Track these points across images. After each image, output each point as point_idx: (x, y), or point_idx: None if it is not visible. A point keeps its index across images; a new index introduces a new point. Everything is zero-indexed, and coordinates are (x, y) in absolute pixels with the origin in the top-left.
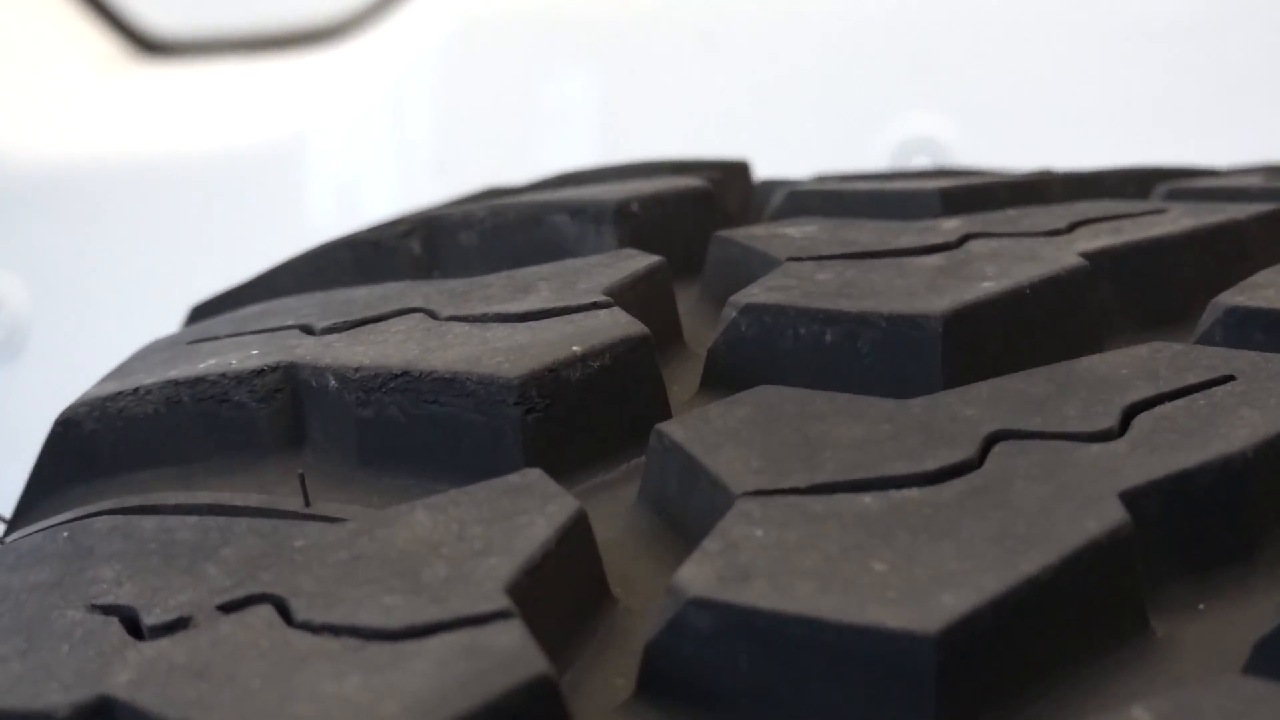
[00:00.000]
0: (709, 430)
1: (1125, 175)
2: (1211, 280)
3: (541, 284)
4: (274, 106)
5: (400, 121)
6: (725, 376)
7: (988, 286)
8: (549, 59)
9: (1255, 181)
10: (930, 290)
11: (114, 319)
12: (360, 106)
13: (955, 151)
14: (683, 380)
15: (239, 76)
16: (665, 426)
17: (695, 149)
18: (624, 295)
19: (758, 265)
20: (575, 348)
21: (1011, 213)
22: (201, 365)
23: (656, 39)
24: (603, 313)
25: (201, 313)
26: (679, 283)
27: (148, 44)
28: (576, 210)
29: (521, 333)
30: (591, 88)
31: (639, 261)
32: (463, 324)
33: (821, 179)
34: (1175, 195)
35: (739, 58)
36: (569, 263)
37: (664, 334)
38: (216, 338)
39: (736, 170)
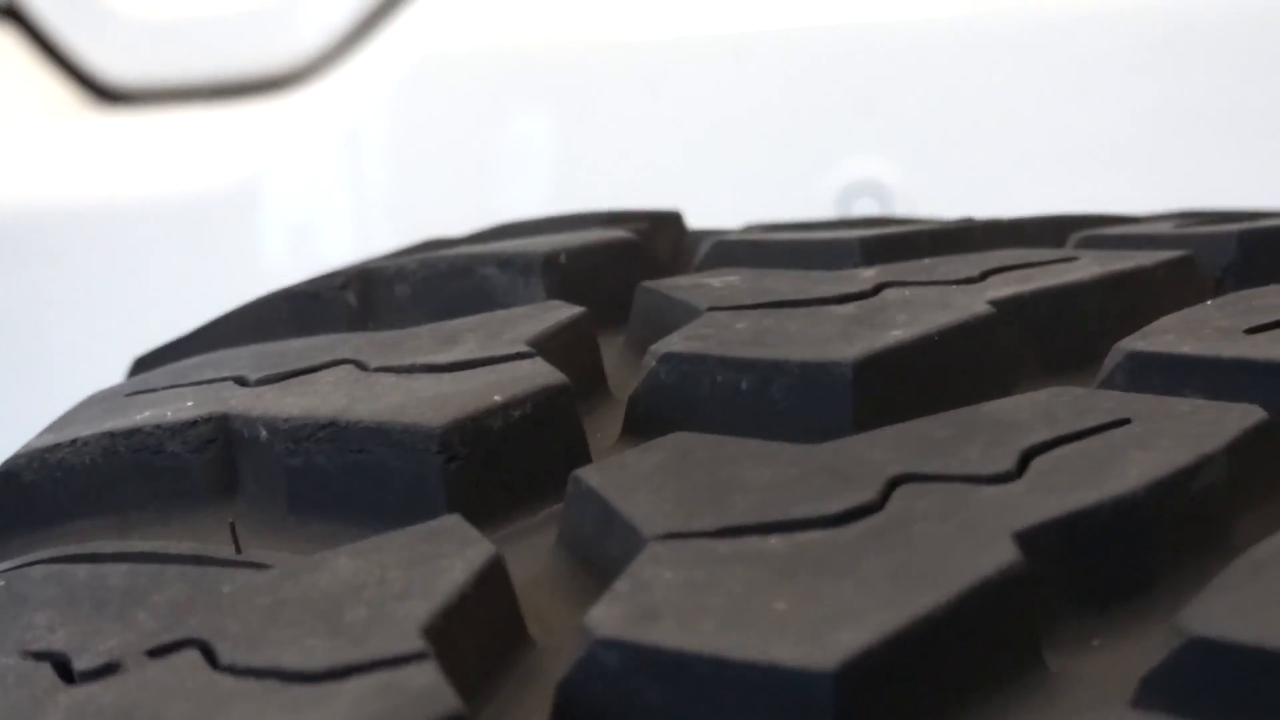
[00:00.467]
0: (624, 476)
1: (1043, 223)
2: (1117, 326)
3: (468, 335)
4: (230, 152)
5: (354, 167)
6: (645, 423)
7: (897, 334)
8: (501, 103)
9: (1165, 229)
10: (842, 338)
11: (66, 362)
12: (314, 152)
13: (900, 194)
14: (605, 427)
15: (195, 123)
16: (582, 472)
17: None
18: (547, 345)
19: (680, 315)
20: (497, 397)
21: (928, 261)
22: (138, 417)
23: (607, 84)
24: (525, 363)
25: (144, 365)
26: (607, 332)
27: (106, 93)
28: (505, 262)
29: (446, 383)
30: (544, 131)
31: (562, 312)
32: (390, 375)
33: (748, 229)
34: (1088, 243)
35: (686, 103)
36: (495, 314)
37: (587, 382)
38: (154, 390)
39: (668, 220)
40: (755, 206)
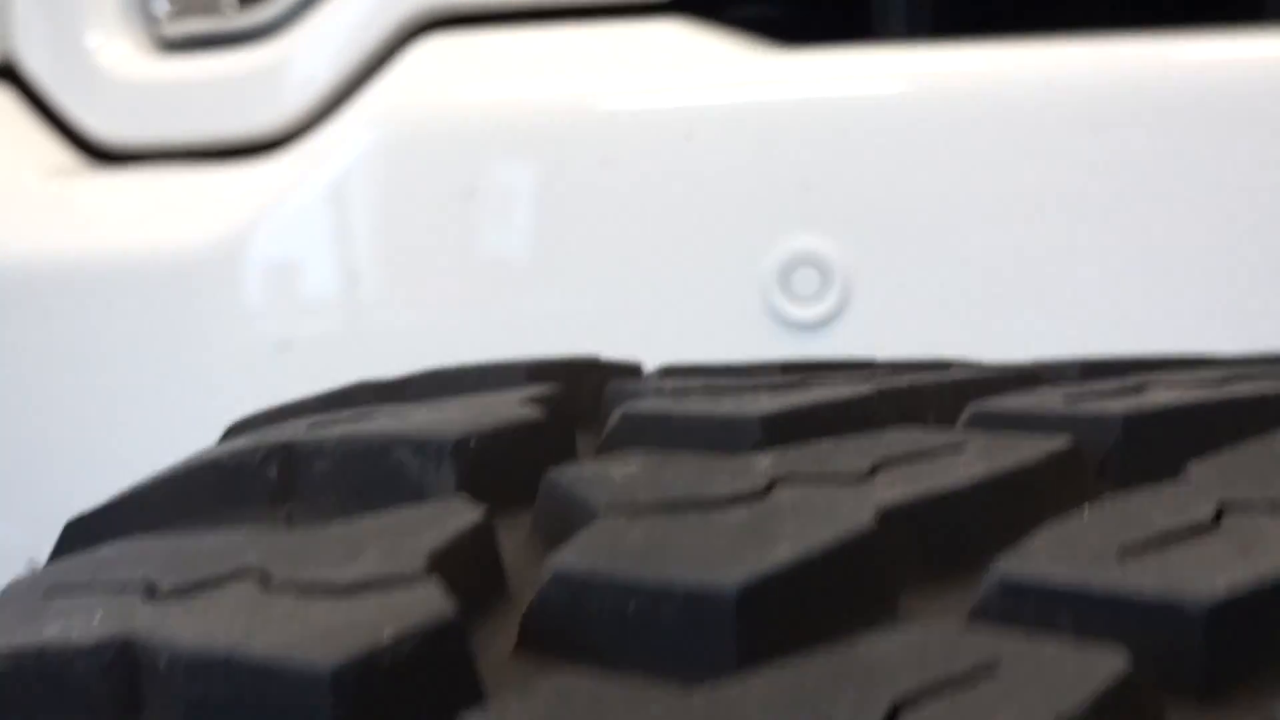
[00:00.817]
0: None
1: (940, 390)
2: (999, 533)
3: (372, 544)
4: (215, 212)
5: (338, 226)
6: (540, 640)
7: (783, 553)
8: (480, 165)
9: (1055, 404)
10: (729, 555)
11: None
12: (299, 212)
13: (840, 266)
14: (504, 633)
15: (181, 185)
16: None
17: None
18: (446, 559)
19: (578, 515)
20: (387, 630)
21: (825, 446)
22: (47, 630)
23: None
24: (420, 589)
25: (77, 529)
26: (514, 517)
27: (98, 152)
28: (418, 446)
29: (341, 611)
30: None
31: (464, 518)
32: (290, 597)
33: (659, 389)
34: (979, 420)
35: (639, 176)
36: (400, 516)
37: (486, 590)
38: (69, 588)
39: (588, 371)
40: (697, 281)
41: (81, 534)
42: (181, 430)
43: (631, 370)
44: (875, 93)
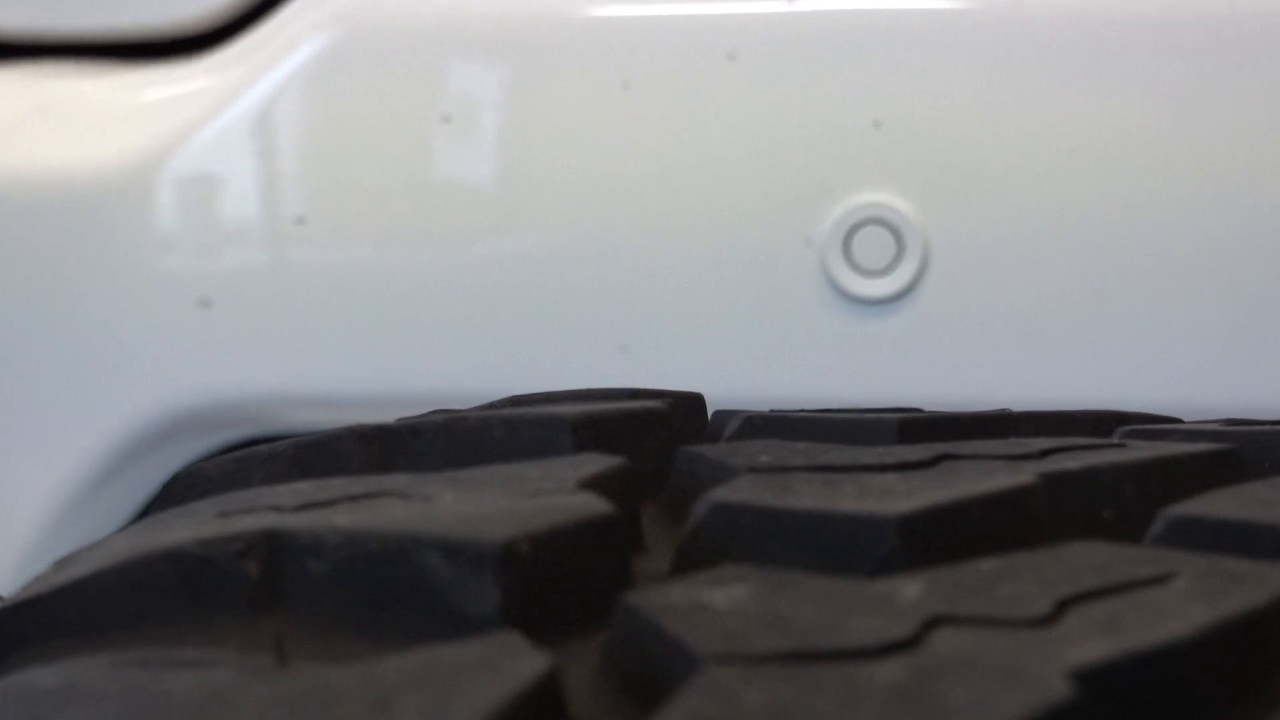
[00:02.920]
0: None
1: (1122, 475)
2: (1238, 694)
3: (408, 701)
4: (119, 129)
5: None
6: None
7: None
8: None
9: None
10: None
11: None
12: (223, 133)
13: (914, 227)
14: None
15: (80, 89)
16: None
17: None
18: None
19: (671, 662)
20: None
21: (988, 568)
22: None
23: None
24: None
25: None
26: (581, 648)
27: None
28: (451, 550)
29: None
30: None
31: (525, 666)
32: None
33: (751, 464)
34: (1184, 529)
35: (662, 101)
36: (435, 659)
37: None
38: None
39: (649, 423)
40: (743, 239)
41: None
42: (82, 392)
43: (692, 408)
44: (971, 4)
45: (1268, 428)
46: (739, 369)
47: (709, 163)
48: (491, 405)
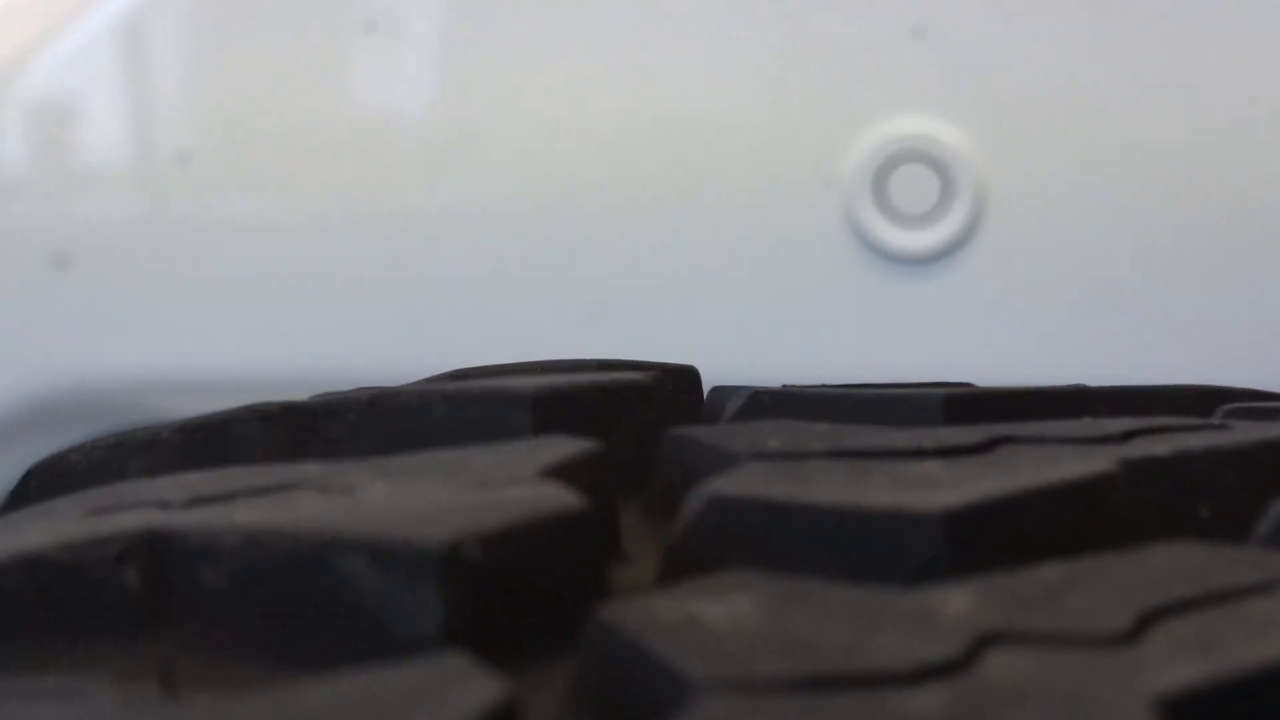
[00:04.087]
0: None
1: (1218, 461)
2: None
3: None
4: None
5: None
6: None
7: None
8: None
9: None
10: None
11: None
12: (81, 51)
13: (962, 162)
14: None
15: None
16: None
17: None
18: None
19: (658, 689)
20: None
21: (1051, 575)
22: None
23: None
24: None
25: None
26: (545, 672)
27: None
28: (382, 555)
29: None
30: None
31: (475, 694)
32: None
33: (758, 447)
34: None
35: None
36: (363, 685)
37: None
38: None
39: (628, 400)
40: (746, 178)
41: None
42: None
43: (684, 383)
44: None
45: None
46: (741, 338)
47: (702, 79)
48: (429, 381)
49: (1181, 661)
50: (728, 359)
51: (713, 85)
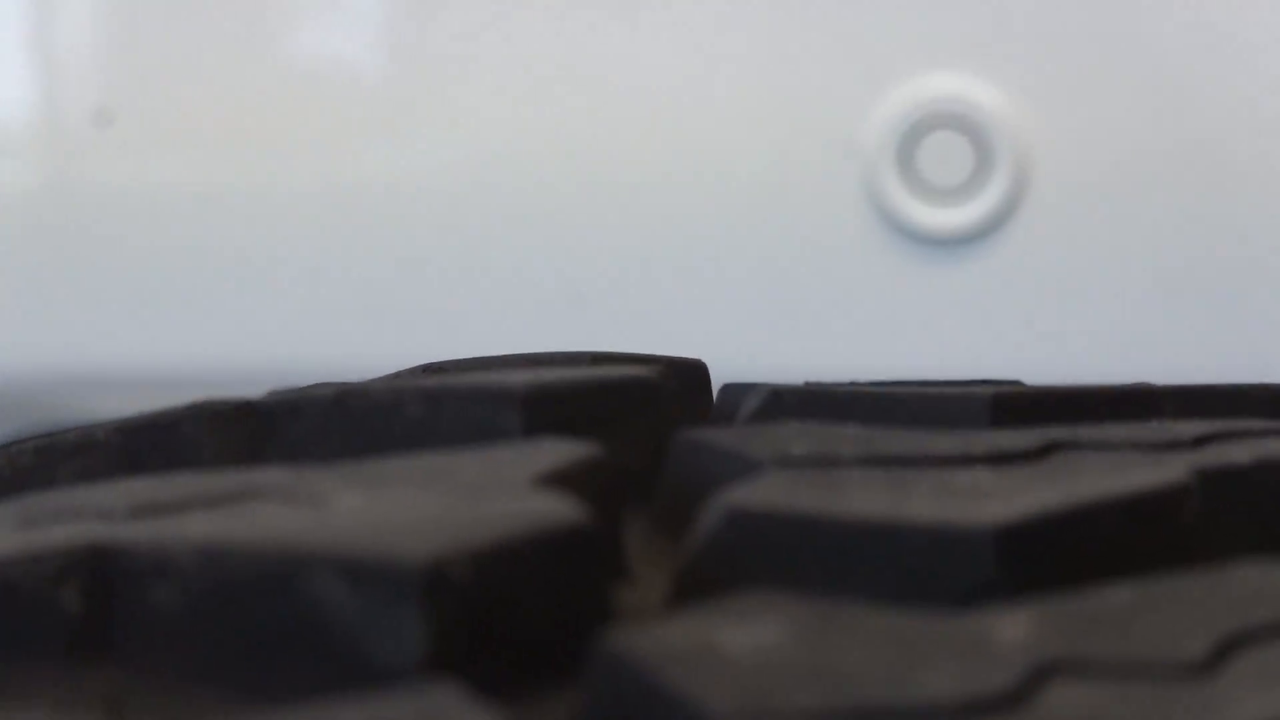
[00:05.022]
0: None
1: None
2: None
3: None
4: None
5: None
6: None
7: None
8: None
9: None
10: None
11: None
12: None
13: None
14: None
15: None
16: None
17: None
18: None
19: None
20: None
21: (1118, 599)
22: None
23: None
24: None
25: None
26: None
27: None
28: (358, 574)
29: None
30: None
31: None
32: None
33: (779, 453)
34: None
35: None
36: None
37: None
38: None
39: (633, 402)
40: (754, 145)
41: None
42: None
43: (691, 380)
44: None
45: None
46: (753, 329)
47: (701, 31)
48: (400, 375)
49: (1267, 694)
50: (736, 353)
51: (713, 37)
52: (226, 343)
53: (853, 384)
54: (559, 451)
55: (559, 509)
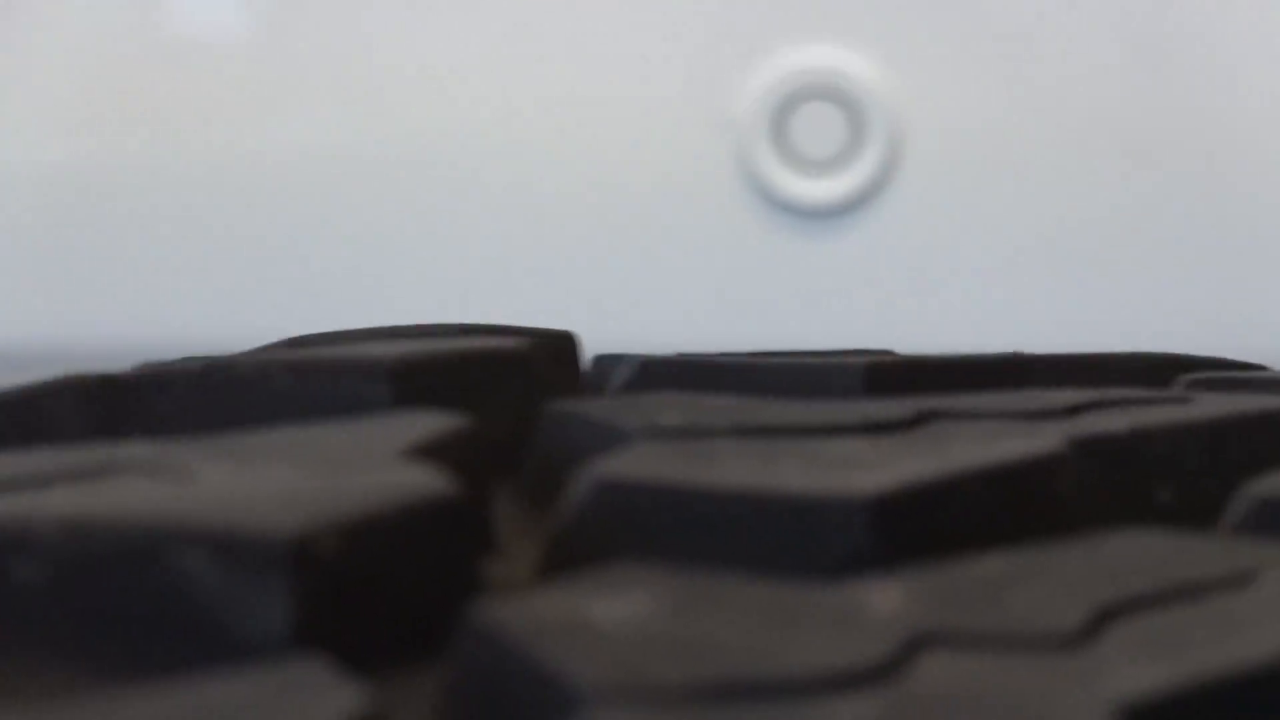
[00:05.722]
0: None
1: (1183, 438)
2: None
3: None
4: None
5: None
6: None
7: None
8: None
9: None
10: None
11: None
12: None
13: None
14: None
15: None
16: None
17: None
18: None
19: (544, 701)
20: None
21: (993, 568)
22: None
23: None
24: None
25: None
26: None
27: None
28: (223, 548)
29: None
30: None
31: (327, 709)
32: None
33: (650, 423)
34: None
35: None
36: (202, 700)
37: None
38: None
39: (499, 370)
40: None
41: None
42: None
43: (561, 351)
44: None
45: None
46: (622, 301)
47: (573, 4)
48: (266, 349)
49: (1142, 665)
50: (608, 324)
51: (586, 9)
52: (92, 315)
53: (725, 355)
54: (427, 424)
55: (427, 481)
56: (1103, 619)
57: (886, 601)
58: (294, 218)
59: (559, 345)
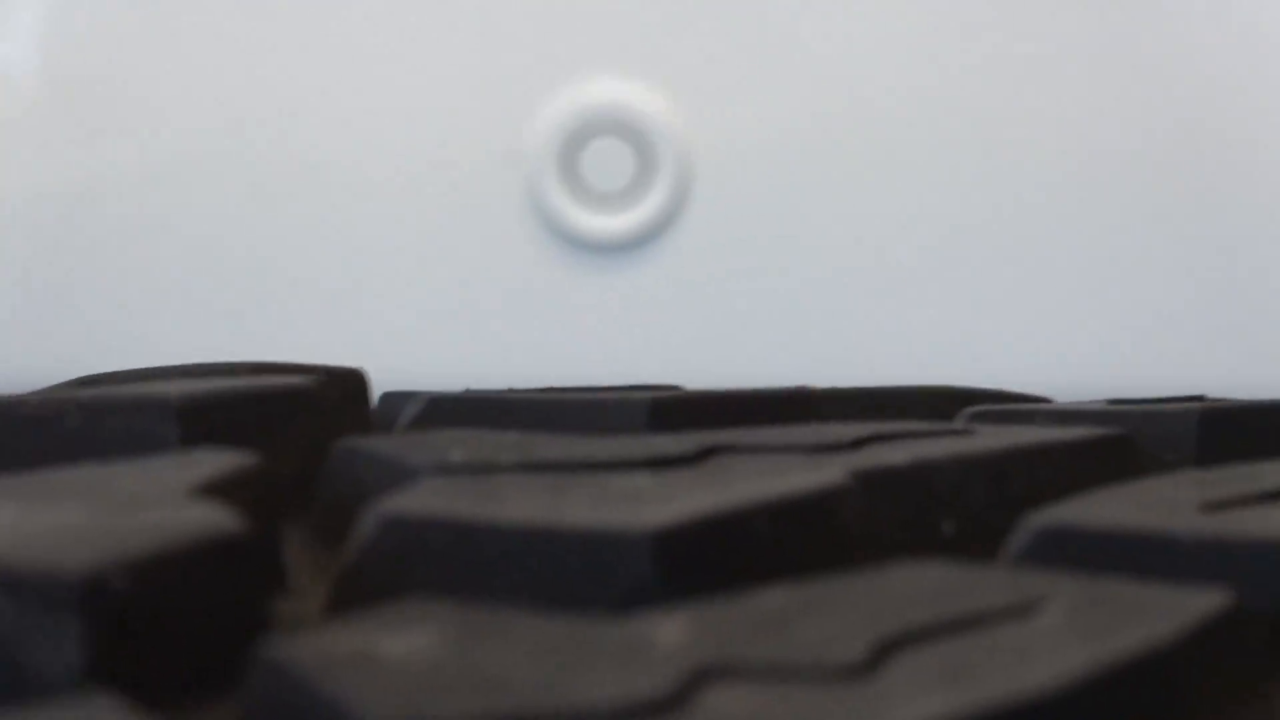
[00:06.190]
0: None
1: (966, 470)
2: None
3: None
4: None
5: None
6: None
7: None
8: None
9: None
10: None
11: None
12: None
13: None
14: None
15: None
16: None
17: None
18: None
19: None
20: None
21: (775, 601)
22: None
23: None
24: None
25: None
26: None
27: None
28: (14, 585)
29: None
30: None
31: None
32: None
33: (439, 461)
34: (1050, 544)
35: None
36: None
37: None
38: None
39: (290, 408)
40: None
41: None
42: None
43: (350, 389)
44: None
45: (1172, 406)
46: (413, 339)
47: (351, 28)
48: (55, 388)
49: (924, 695)
50: (397, 362)
51: (365, 35)
52: None
53: (513, 391)
54: (216, 461)
55: (216, 519)
56: (886, 649)
57: (672, 634)
58: (60, 251)
59: (348, 382)
